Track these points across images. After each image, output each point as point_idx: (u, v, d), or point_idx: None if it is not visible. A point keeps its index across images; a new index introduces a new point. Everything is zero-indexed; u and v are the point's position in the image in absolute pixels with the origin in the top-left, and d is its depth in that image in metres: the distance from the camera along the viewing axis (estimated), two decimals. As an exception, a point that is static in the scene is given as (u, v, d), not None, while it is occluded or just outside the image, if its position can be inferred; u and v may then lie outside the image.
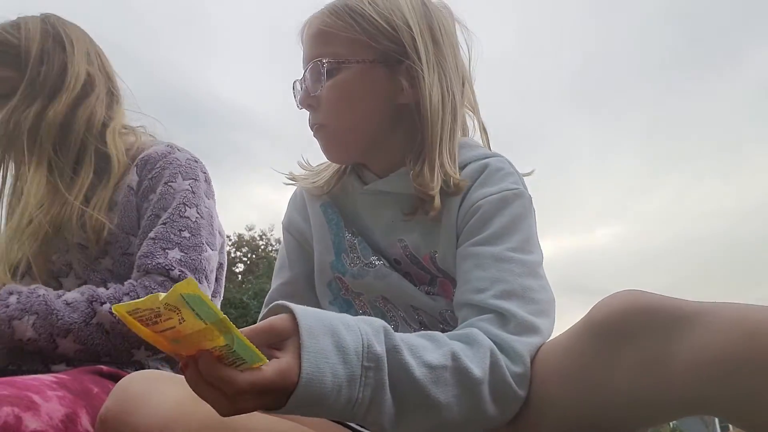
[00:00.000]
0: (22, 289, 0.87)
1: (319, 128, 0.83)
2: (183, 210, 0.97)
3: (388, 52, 0.80)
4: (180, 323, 0.46)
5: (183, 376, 0.62)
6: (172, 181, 1.00)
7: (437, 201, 0.76)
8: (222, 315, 0.47)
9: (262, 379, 0.50)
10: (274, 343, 0.53)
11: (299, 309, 0.55)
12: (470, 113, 0.92)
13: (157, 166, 1.01)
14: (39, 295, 0.86)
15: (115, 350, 0.87)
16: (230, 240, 24.14)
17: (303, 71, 0.84)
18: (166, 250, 0.93)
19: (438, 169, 0.77)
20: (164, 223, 0.95)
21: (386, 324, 0.60)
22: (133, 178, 1.01)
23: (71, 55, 1.06)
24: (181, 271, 0.91)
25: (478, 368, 0.61)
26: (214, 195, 1.06)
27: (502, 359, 0.63)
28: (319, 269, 0.89)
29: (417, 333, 0.64)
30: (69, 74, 1.04)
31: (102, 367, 0.85)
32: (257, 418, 0.61)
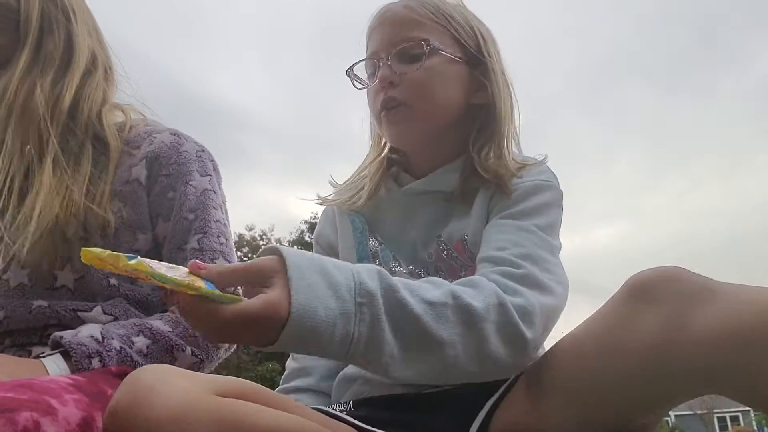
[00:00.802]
0: (98, 347, 0.83)
1: (398, 105, 0.85)
2: (213, 214, 0.98)
3: (471, 52, 0.87)
4: (146, 279, 0.52)
5: (192, 371, 0.64)
6: (191, 180, 0.98)
7: (510, 185, 0.82)
8: (175, 282, 0.52)
9: (248, 308, 0.51)
10: (259, 281, 0.54)
11: (286, 248, 0.57)
12: None
13: (172, 162, 0.99)
14: (118, 351, 0.84)
15: None
16: (230, 240, 24.11)
17: (381, 53, 0.86)
18: (214, 260, 0.94)
19: (509, 162, 0.84)
20: (204, 233, 0.95)
21: (382, 268, 0.62)
22: (141, 171, 0.98)
23: (75, 26, 0.99)
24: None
25: (480, 304, 0.63)
26: (222, 181, 1.06)
27: (508, 300, 0.65)
28: None
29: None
30: (75, 48, 0.98)
31: (112, 367, 0.85)
32: (265, 410, 0.62)
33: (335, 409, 0.75)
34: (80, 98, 0.96)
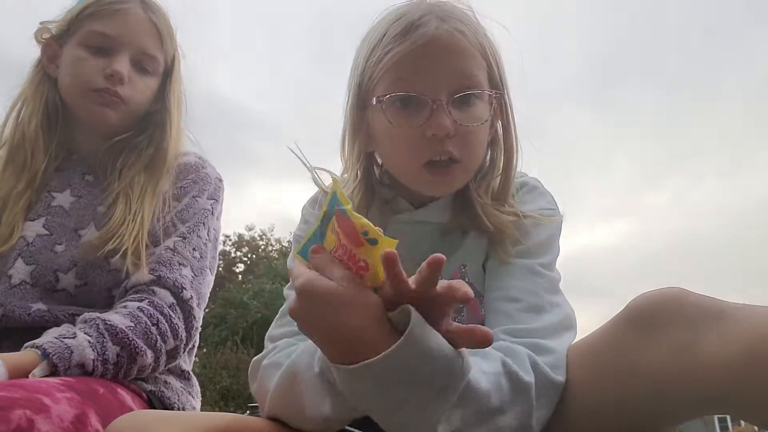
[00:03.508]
0: (62, 353, 0.79)
1: (451, 163, 0.75)
2: (199, 229, 1.01)
3: (500, 91, 0.79)
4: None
5: (172, 413, 0.61)
6: (198, 196, 1.04)
7: (507, 238, 0.77)
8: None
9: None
10: None
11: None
12: None
13: (189, 177, 1.06)
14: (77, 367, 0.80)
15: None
16: (230, 240, 24.19)
17: (439, 94, 0.73)
18: (181, 266, 0.95)
19: (507, 210, 0.79)
20: (183, 238, 0.98)
21: None
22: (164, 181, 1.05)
23: (180, 70, 1.11)
24: (191, 294, 0.93)
25: (525, 374, 0.62)
26: (221, 215, 1.10)
27: (540, 360, 0.65)
28: None
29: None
30: (184, 95, 1.12)
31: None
32: None
33: None
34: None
